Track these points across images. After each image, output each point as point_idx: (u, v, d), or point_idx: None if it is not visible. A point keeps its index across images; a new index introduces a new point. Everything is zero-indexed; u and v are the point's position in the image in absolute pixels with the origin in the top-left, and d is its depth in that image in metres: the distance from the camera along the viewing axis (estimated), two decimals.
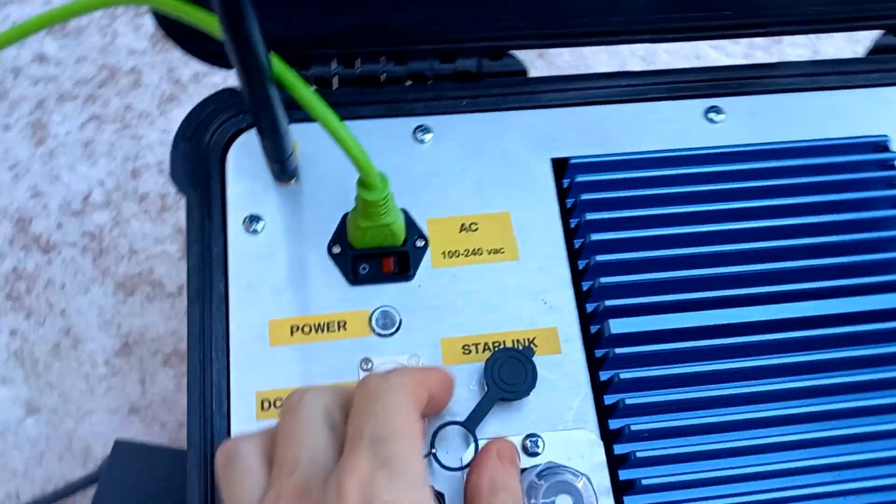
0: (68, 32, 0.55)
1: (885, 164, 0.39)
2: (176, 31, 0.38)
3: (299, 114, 0.38)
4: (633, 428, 0.32)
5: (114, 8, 0.27)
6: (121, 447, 0.45)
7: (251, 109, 0.30)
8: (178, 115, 0.49)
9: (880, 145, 0.39)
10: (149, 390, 0.47)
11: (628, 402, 0.32)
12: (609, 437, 0.33)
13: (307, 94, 0.29)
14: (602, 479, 0.32)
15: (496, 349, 0.34)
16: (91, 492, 0.46)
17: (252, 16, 0.25)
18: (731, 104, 0.40)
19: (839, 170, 0.38)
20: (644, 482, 0.31)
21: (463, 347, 0.34)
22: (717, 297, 0.35)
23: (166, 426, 0.47)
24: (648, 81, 0.40)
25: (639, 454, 0.32)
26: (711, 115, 0.39)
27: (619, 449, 0.33)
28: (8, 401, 0.48)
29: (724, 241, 0.37)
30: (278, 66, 0.29)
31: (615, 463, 0.32)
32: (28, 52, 0.54)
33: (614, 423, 0.33)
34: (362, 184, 0.31)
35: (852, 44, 0.57)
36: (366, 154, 0.30)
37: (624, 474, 0.33)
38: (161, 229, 0.51)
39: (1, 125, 0.55)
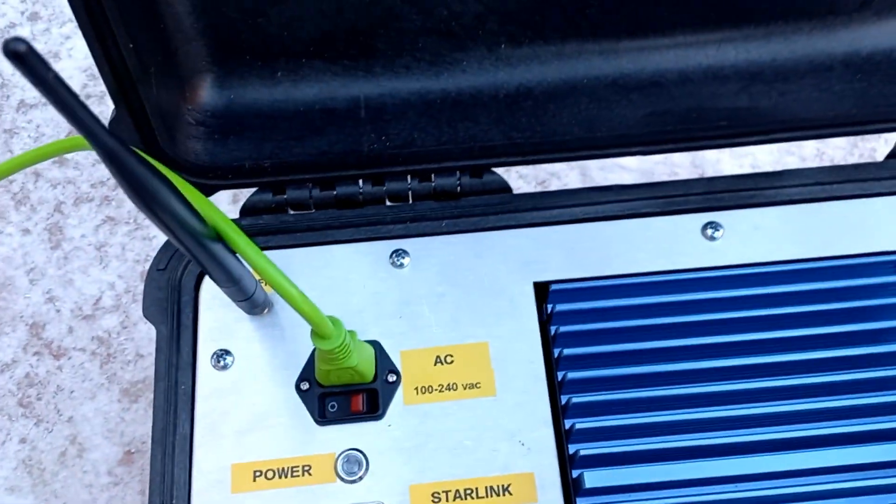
0: None
1: None
2: None
3: (274, 240, 0.38)
4: None
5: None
6: None
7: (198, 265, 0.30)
8: None
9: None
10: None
11: None
12: None
13: (249, 250, 0.28)
14: None
15: None
16: None
17: (164, 190, 0.24)
18: (731, 219, 0.37)
19: (855, 295, 0.35)
20: None
21: (433, 495, 0.32)
22: (714, 445, 0.32)
23: None
24: (640, 195, 0.37)
25: None
26: (710, 232, 0.36)
27: None
28: None
29: (724, 378, 0.34)
30: (217, 221, 0.28)
31: None
32: None
33: None
34: (315, 333, 0.30)
35: (856, 148, 0.53)
36: (313, 305, 0.29)
37: None
38: None
39: (21, 229, 0.56)
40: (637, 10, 0.37)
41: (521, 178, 0.54)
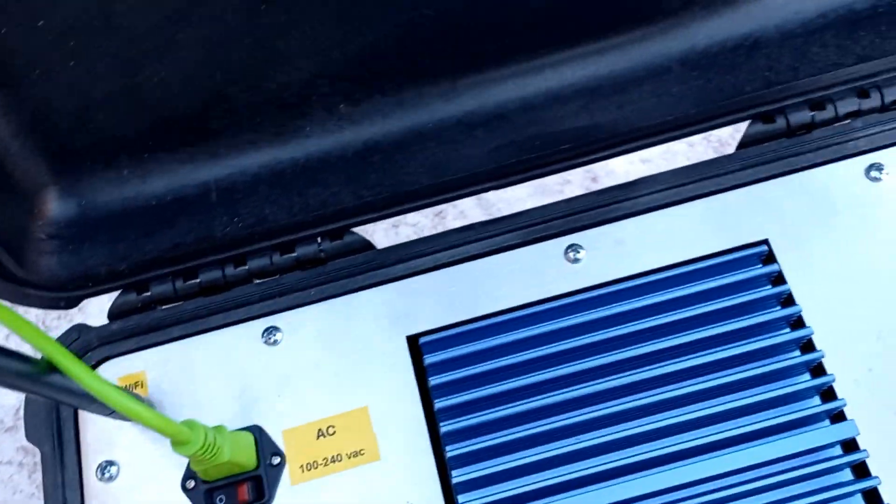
0: None
1: (770, 278, 0.35)
2: None
3: (146, 339, 0.38)
4: None
5: None
6: None
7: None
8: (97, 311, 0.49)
9: (762, 255, 0.35)
10: None
11: None
12: None
13: (83, 376, 0.28)
14: None
15: None
16: None
17: None
18: (591, 238, 0.37)
19: (726, 293, 0.35)
20: None
21: None
22: (603, 471, 0.32)
23: None
24: (501, 229, 0.37)
25: None
26: (572, 255, 0.36)
27: None
28: None
29: (604, 400, 0.34)
30: (48, 352, 0.28)
31: None
32: None
33: None
34: (173, 442, 0.30)
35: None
36: (161, 417, 0.28)
37: None
38: None
39: None
40: (467, 46, 0.37)
41: (418, 213, 0.54)
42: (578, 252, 0.36)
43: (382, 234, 0.57)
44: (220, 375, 0.36)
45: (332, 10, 0.32)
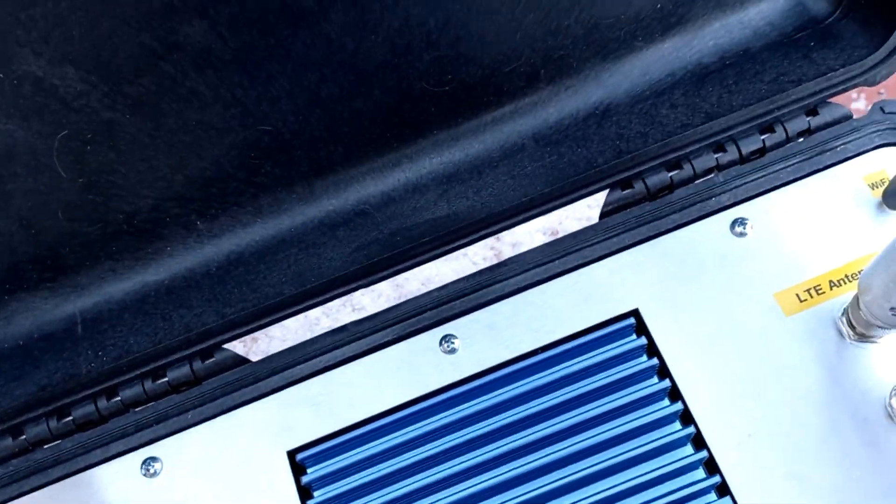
0: None
1: (643, 350, 0.35)
2: None
3: (28, 483, 0.37)
4: None
5: None
6: None
7: None
8: None
9: (633, 326, 0.35)
10: None
11: None
12: None
13: None
14: None
15: None
16: None
17: None
18: (464, 326, 0.36)
19: (597, 370, 0.34)
20: None
21: None
22: None
23: None
24: (375, 327, 0.36)
25: None
26: (446, 346, 0.36)
27: None
28: None
29: (495, 494, 0.33)
30: None
31: None
32: None
33: None
34: None
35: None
36: None
37: None
38: None
39: None
40: (315, 152, 0.36)
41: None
42: (453, 342, 0.36)
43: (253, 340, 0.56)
44: None
45: (160, 142, 0.32)
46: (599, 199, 0.37)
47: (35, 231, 0.34)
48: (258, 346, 0.59)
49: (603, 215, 0.37)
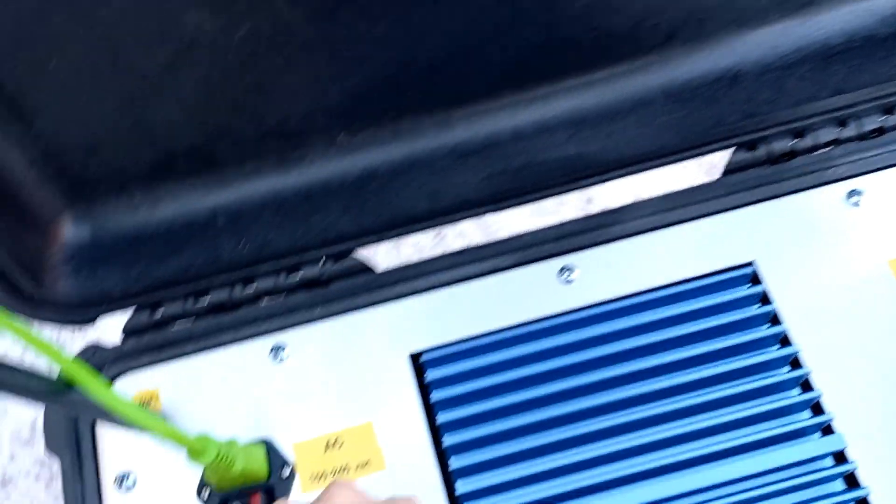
0: None
1: (757, 298, 0.37)
2: None
3: (159, 355, 0.39)
4: None
5: None
6: None
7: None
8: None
9: (749, 276, 0.37)
10: None
11: None
12: None
13: (105, 397, 0.30)
14: None
15: None
16: None
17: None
18: (583, 259, 0.39)
19: (711, 313, 0.37)
20: None
21: None
22: (602, 482, 0.34)
23: None
24: (495, 252, 0.39)
25: None
26: (565, 276, 0.38)
27: None
28: None
29: (600, 414, 0.36)
30: (68, 370, 0.29)
31: None
32: None
33: None
34: (189, 453, 0.32)
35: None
36: (176, 430, 0.30)
37: None
38: None
39: None
40: (459, 81, 0.39)
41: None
42: (571, 273, 0.38)
43: (384, 253, 0.58)
44: (231, 391, 0.38)
45: (326, 51, 0.34)
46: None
47: (197, 122, 0.36)
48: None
49: (726, 172, 0.39)
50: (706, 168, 0.53)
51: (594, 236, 0.39)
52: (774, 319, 0.37)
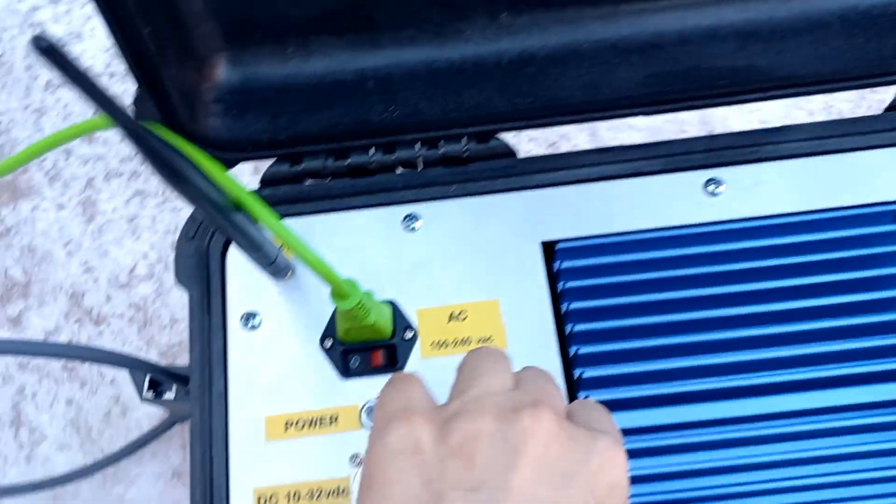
0: None
1: None
2: None
3: (293, 208, 0.40)
4: None
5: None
6: None
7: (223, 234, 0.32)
8: None
9: (893, 213, 0.37)
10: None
11: None
12: None
13: (269, 219, 0.30)
14: None
15: None
16: None
17: (186, 166, 0.26)
18: (732, 174, 0.38)
19: (855, 244, 0.36)
20: None
21: None
22: (718, 389, 0.34)
23: None
24: (643, 155, 0.38)
25: None
26: (711, 188, 0.38)
27: None
28: (66, 466, 0.52)
29: (728, 326, 0.36)
30: (237, 193, 0.30)
31: None
32: None
33: None
34: (334, 293, 0.32)
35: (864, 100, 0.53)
36: (330, 268, 0.31)
37: None
38: None
39: (56, 204, 0.59)
40: None
41: (532, 141, 0.56)
42: (719, 186, 0.38)
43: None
44: (359, 251, 0.38)
45: None
46: None
47: None
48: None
49: (890, 108, 0.38)
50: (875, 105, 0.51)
51: (745, 153, 0.38)
52: None
